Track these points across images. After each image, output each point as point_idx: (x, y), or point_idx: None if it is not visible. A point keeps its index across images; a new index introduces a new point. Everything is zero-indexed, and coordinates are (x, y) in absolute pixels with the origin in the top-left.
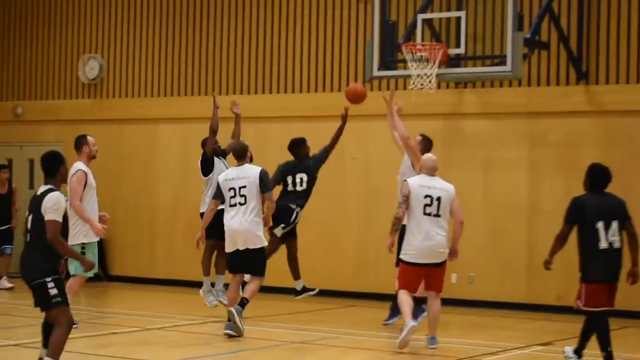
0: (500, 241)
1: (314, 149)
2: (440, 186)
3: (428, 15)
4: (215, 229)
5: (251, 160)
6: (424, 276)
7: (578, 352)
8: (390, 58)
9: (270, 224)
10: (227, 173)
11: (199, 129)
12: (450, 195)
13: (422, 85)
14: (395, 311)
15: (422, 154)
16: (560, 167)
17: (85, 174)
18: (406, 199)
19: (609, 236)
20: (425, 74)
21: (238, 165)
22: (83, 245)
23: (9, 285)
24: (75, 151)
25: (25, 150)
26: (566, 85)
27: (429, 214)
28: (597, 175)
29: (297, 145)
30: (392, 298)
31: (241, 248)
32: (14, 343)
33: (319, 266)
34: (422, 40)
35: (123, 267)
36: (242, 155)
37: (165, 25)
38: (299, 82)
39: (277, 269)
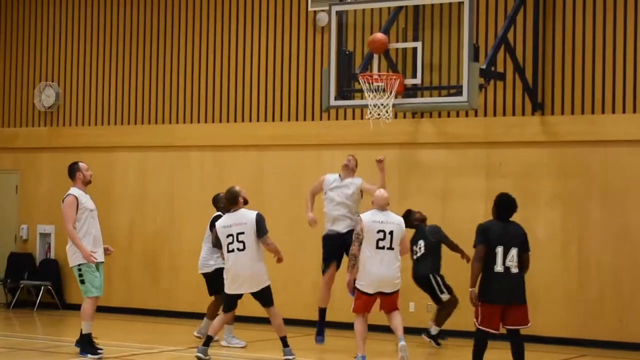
0: (458, 270)
1: (270, 177)
2: (392, 220)
3: None
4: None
5: (246, 203)
6: (380, 300)
7: None
8: (346, 88)
9: (282, 258)
10: (223, 220)
11: (155, 157)
12: (402, 228)
13: (378, 115)
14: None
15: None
16: (517, 197)
17: (76, 197)
18: (358, 235)
19: (506, 261)
20: (382, 104)
21: (233, 212)
22: (80, 267)
23: None
24: (70, 179)
25: None
26: (522, 115)
27: (382, 247)
28: (503, 205)
29: (407, 217)
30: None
31: (247, 292)
32: None
33: (279, 295)
34: (379, 70)
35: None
36: (234, 201)
37: (122, 54)
38: (256, 111)
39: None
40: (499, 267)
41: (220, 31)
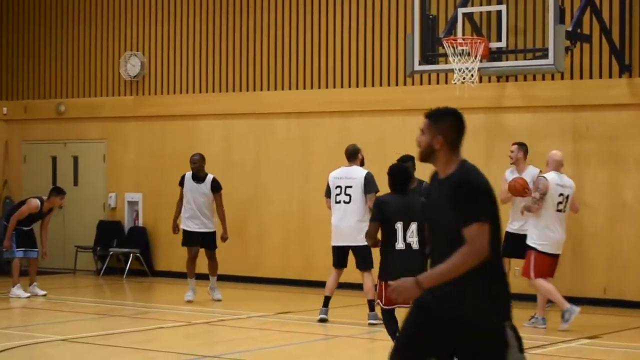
0: None
1: (355, 143)
2: (569, 184)
3: (468, 9)
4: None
5: (362, 164)
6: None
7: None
8: (431, 52)
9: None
10: (337, 172)
11: (239, 124)
12: (573, 192)
13: (463, 79)
14: None
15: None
16: (604, 160)
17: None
18: (544, 196)
19: (407, 237)
20: (467, 68)
21: (348, 166)
22: None
23: (42, 292)
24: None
25: (69, 147)
26: (609, 78)
27: (560, 211)
28: (397, 177)
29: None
30: None
31: (345, 244)
32: (61, 338)
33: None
34: (463, 34)
35: (168, 263)
36: (352, 156)
37: (206, 22)
38: (340, 76)
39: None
40: (400, 244)
41: None
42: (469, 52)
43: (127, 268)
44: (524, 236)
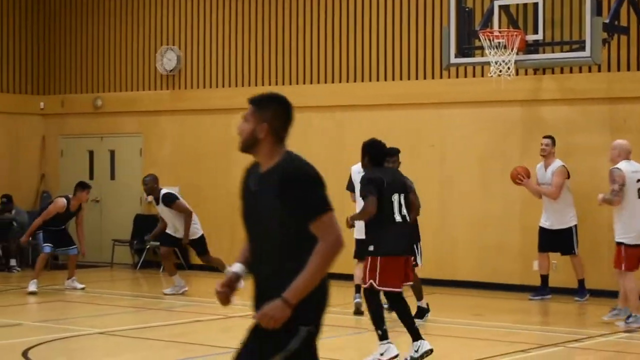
0: (583, 227)
1: (391, 136)
2: None
3: (505, 2)
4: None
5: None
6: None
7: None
8: (467, 45)
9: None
10: (358, 166)
11: None
12: None
13: (500, 72)
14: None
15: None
16: None
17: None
18: (622, 187)
19: (402, 210)
20: (503, 61)
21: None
22: None
23: (81, 286)
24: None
25: (106, 141)
26: None
27: None
28: (373, 150)
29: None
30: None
31: None
32: (99, 331)
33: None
34: (499, 26)
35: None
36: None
37: (242, 16)
38: (376, 70)
39: None
40: (398, 217)
41: None
42: (506, 44)
43: None
44: (558, 231)
